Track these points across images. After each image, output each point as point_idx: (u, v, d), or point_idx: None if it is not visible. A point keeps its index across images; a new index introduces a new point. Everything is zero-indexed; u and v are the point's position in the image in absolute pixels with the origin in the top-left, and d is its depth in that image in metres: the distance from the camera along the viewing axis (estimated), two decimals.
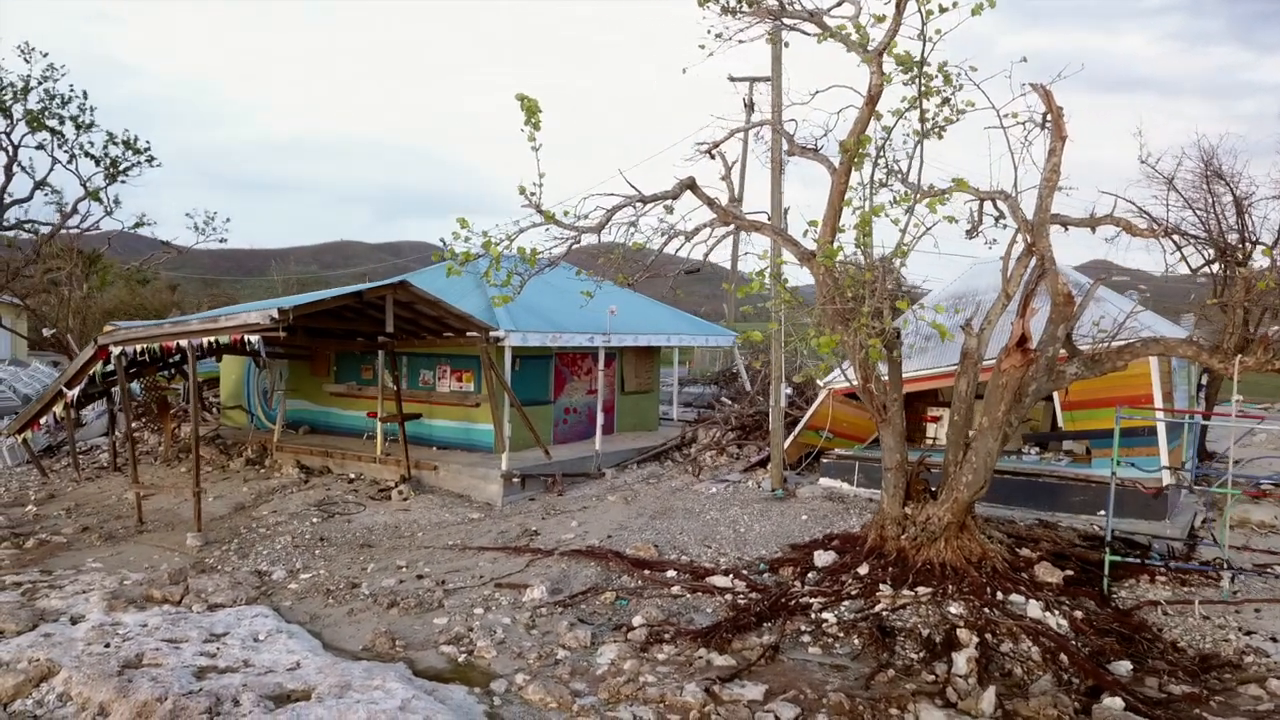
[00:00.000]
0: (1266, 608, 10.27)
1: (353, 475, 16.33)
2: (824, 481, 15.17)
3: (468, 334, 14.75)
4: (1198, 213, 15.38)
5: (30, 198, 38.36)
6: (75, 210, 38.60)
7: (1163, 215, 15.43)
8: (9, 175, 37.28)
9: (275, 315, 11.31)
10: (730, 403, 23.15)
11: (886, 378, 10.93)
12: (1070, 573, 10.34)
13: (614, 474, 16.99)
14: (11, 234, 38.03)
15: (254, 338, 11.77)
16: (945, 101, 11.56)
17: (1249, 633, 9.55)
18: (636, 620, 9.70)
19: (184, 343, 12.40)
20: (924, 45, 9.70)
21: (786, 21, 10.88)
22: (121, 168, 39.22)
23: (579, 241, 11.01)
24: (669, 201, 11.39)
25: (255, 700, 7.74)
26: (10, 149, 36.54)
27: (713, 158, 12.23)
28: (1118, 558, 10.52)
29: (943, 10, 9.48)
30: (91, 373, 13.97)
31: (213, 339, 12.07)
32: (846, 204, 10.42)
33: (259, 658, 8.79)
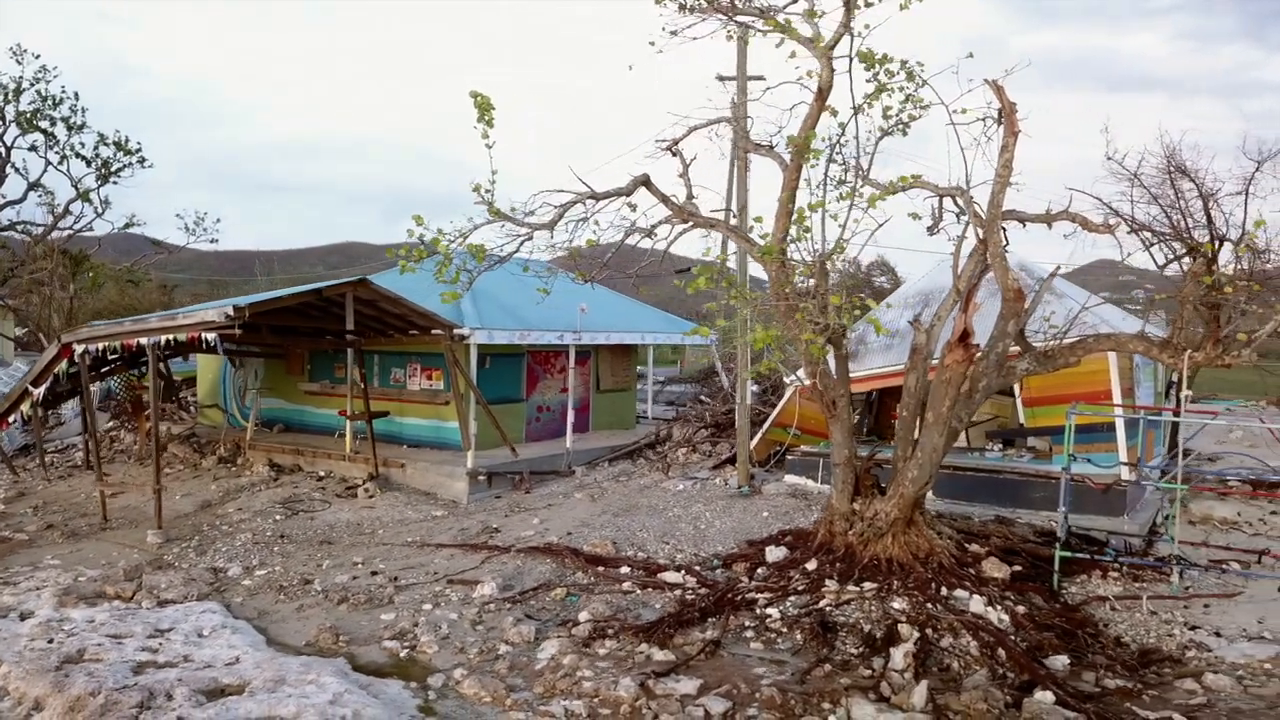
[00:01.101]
0: (1216, 603, 10.27)
1: (322, 473, 16.36)
2: (789, 478, 15.17)
3: (432, 331, 14.78)
4: (1166, 209, 15.28)
5: (24, 199, 38.61)
6: (67, 211, 38.88)
7: (1128, 211, 15.31)
8: (1, 177, 37.52)
9: (230, 313, 11.34)
10: (709, 400, 23.17)
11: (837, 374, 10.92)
12: (1019, 568, 10.34)
13: (584, 472, 17.00)
14: (4, 235, 38.23)
15: (211, 335, 11.80)
16: (909, 98, 11.60)
17: (1194, 628, 9.55)
18: (582, 616, 9.73)
19: (144, 340, 12.42)
20: (851, 40, 9.70)
21: (739, 20, 10.89)
22: (113, 169, 39.50)
23: (531, 238, 11.03)
24: (627, 199, 11.42)
25: (188, 694, 7.76)
26: (3, 150, 36.81)
27: (674, 155, 12.26)
28: (1068, 553, 10.51)
29: (868, 5, 9.49)
30: (57, 371, 13.98)
31: (171, 337, 12.07)
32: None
33: (200, 653, 8.83)
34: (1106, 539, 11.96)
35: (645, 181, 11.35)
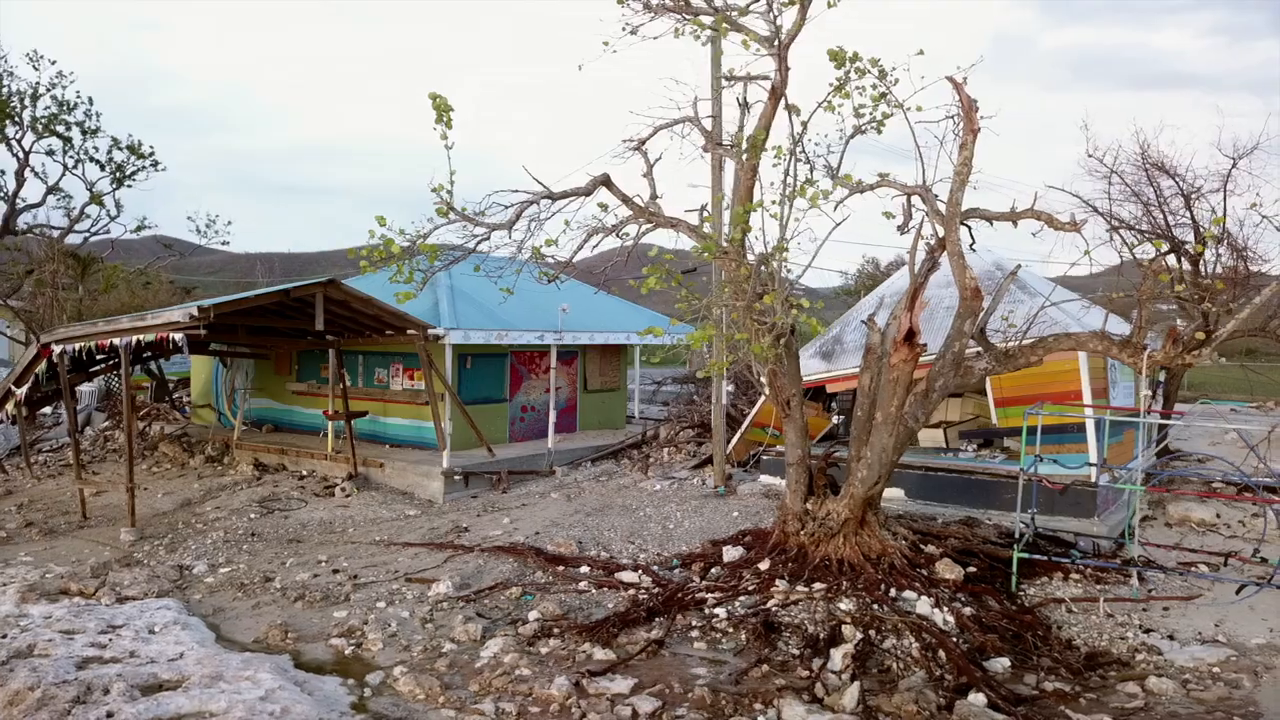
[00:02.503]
0: (1176, 606, 10.12)
1: (305, 472, 16.49)
2: (764, 478, 15.12)
3: (408, 332, 14.85)
4: (1150, 207, 15.13)
5: (42, 202, 39.42)
6: (83, 215, 39.66)
7: (1110, 209, 15.21)
8: (20, 181, 38.26)
9: (195, 313, 11.46)
10: (699, 400, 23.13)
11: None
12: (973, 570, 10.25)
13: (565, 471, 17.01)
14: (23, 239, 39.00)
15: (179, 336, 11.93)
16: (882, 96, 11.56)
17: (1148, 630, 9.42)
18: (531, 615, 9.74)
19: (117, 341, 12.59)
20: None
21: (691, 17, 10.85)
22: (128, 172, 40.22)
23: (488, 238, 11.07)
24: (586, 197, 11.42)
25: (124, 689, 7.84)
26: (21, 155, 37.57)
27: (642, 154, 12.25)
28: (1026, 554, 10.40)
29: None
30: (38, 371, 14.18)
31: (141, 337, 12.22)
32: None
33: (147, 649, 8.92)
34: (1075, 540, 11.84)
35: (606, 181, 11.33)
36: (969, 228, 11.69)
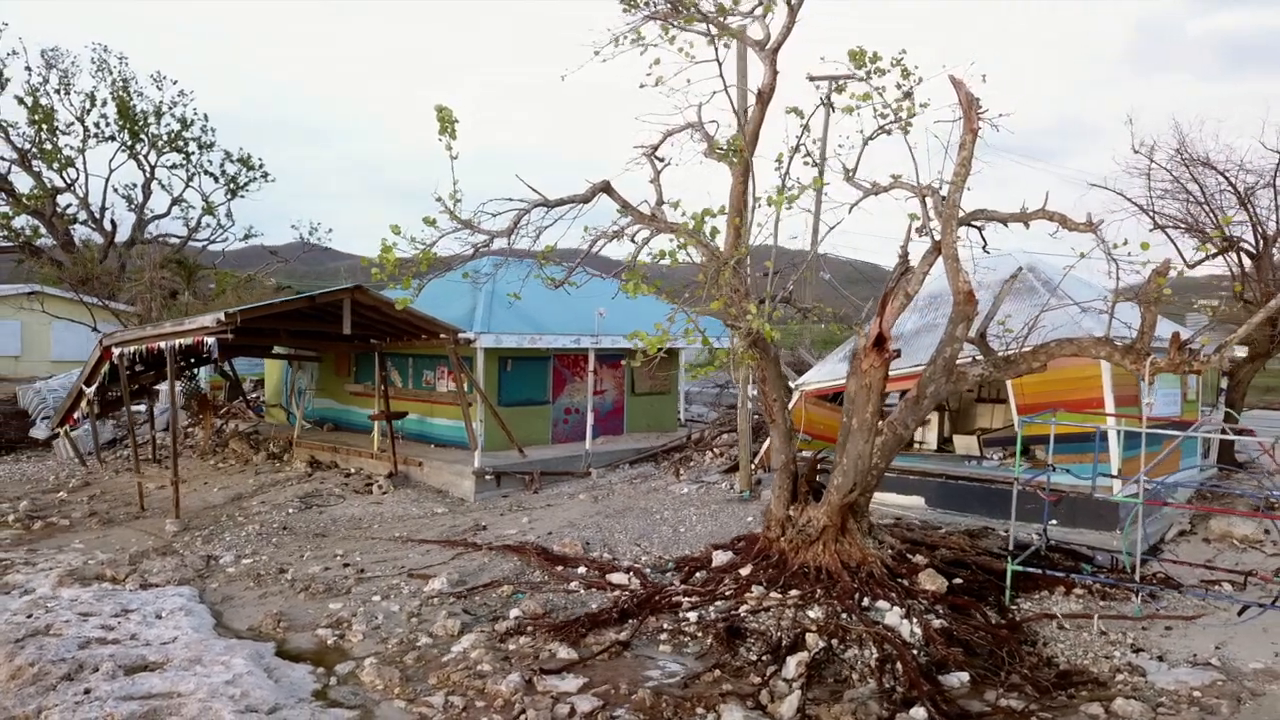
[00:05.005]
0: (1180, 626, 9.62)
1: (352, 470, 17.21)
2: None
3: (439, 336, 15.33)
4: (1199, 202, 14.26)
5: (167, 213, 42.39)
6: (200, 224, 42.47)
7: (1166, 207, 14.41)
8: (147, 193, 41.19)
9: (222, 318, 12.19)
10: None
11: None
12: (959, 581, 9.96)
13: (601, 473, 17.22)
14: (147, 247, 41.96)
15: (210, 339, 12.69)
16: (907, 95, 11.43)
17: (1138, 650, 8.99)
18: (513, 613, 9.98)
19: (162, 344, 13.47)
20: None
21: (674, 21, 10.89)
22: (241, 183, 42.82)
23: (489, 245, 11.37)
24: (586, 203, 11.62)
25: (112, 668, 8.47)
26: (148, 169, 40.47)
27: (659, 160, 12.36)
28: (1020, 567, 10.05)
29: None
30: (104, 371, 15.27)
31: (181, 341, 13.05)
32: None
33: (148, 633, 9.56)
34: (1092, 554, 11.34)
35: (606, 188, 11.49)
36: (979, 229, 11.39)
